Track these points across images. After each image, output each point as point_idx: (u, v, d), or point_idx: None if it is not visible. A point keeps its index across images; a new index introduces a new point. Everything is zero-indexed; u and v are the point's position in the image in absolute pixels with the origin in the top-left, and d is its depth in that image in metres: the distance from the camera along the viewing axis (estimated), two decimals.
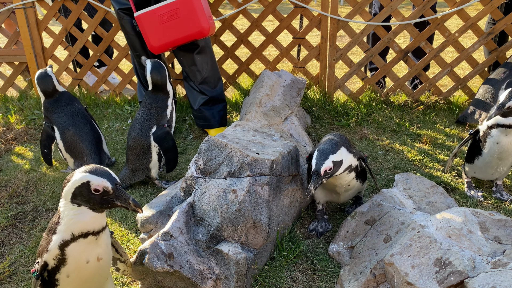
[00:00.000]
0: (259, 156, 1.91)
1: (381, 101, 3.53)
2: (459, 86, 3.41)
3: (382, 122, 3.35)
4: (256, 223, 1.80)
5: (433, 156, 2.88)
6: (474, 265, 1.54)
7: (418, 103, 3.48)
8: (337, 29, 3.42)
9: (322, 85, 3.58)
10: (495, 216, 1.73)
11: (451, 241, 1.64)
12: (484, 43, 3.27)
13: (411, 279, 1.57)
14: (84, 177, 1.40)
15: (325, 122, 3.43)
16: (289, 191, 2.08)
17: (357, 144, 3.09)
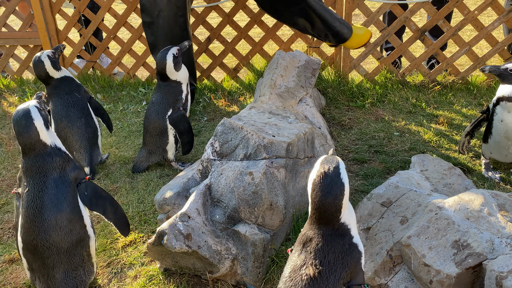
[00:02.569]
0: (275, 138, 1.90)
1: (397, 81, 3.48)
2: (478, 65, 3.34)
3: (398, 102, 3.31)
4: (273, 204, 1.81)
5: (450, 138, 2.84)
6: (492, 247, 1.54)
7: (435, 83, 3.42)
8: (353, 8, 3.35)
9: (337, 65, 3.54)
10: None
11: (470, 223, 1.64)
12: (504, 20, 3.18)
13: (429, 260, 1.58)
14: None
15: (340, 103, 3.40)
16: (304, 173, 2.09)
17: (373, 125, 3.07)
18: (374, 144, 2.84)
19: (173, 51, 2.59)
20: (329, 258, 1.25)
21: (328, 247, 1.26)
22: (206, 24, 3.67)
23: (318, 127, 2.80)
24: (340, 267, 1.26)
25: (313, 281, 1.24)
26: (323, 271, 1.24)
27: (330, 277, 1.24)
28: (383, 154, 2.74)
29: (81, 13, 3.80)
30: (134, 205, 2.40)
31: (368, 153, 2.78)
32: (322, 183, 1.23)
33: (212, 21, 5.74)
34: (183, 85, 2.66)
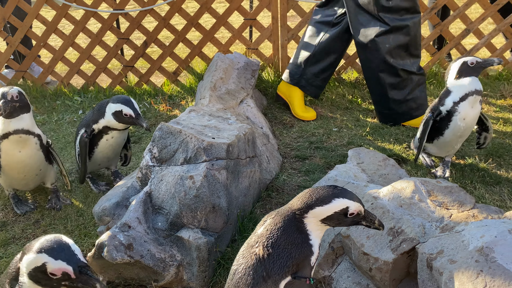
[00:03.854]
0: (215, 140, 1.90)
1: (334, 79, 3.59)
2: None
3: (336, 99, 3.42)
4: (215, 207, 1.80)
5: (384, 130, 2.98)
6: (424, 231, 1.63)
7: None
8: (288, 9, 3.42)
9: (276, 66, 3.60)
10: (442, 184, 1.83)
11: (403, 210, 1.72)
12: (428, 17, 3.39)
13: (367, 249, 1.64)
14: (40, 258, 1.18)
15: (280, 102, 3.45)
16: (247, 173, 2.10)
17: (313, 122, 3.15)
18: (315, 141, 2.92)
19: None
20: (280, 245, 1.31)
21: (283, 235, 1.32)
22: (141, 28, 3.60)
23: (260, 127, 2.83)
24: (287, 257, 1.30)
25: (260, 262, 1.29)
26: (272, 254, 1.30)
27: (277, 262, 1.29)
28: (323, 149, 2.81)
29: (6, 20, 3.59)
30: (72, 219, 2.30)
31: (309, 149, 2.84)
32: (316, 188, 1.36)
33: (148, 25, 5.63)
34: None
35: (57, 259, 1.17)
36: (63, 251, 1.18)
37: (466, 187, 2.33)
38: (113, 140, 2.38)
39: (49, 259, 1.17)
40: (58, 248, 1.18)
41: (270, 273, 1.28)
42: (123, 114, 2.23)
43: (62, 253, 1.17)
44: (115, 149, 2.46)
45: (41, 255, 1.17)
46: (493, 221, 1.45)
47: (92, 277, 1.19)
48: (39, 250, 1.18)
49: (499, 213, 1.75)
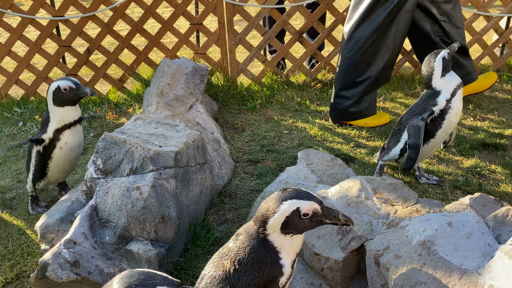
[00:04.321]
0: (162, 149, 1.86)
1: (283, 82, 3.64)
2: None
3: (285, 102, 3.46)
4: (165, 217, 1.76)
5: (332, 131, 3.05)
6: (371, 228, 1.68)
7: (316, 81, 3.65)
8: (233, 14, 3.43)
9: (225, 70, 3.59)
10: (386, 181, 1.89)
11: (351, 209, 1.77)
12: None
13: (318, 249, 1.67)
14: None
15: (231, 107, 3.45)
16: (198, 180, 2.07)
17: (264, 126, 3.17)
18: (266, 144, 2.93)
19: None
20: (248, 263, 1.28)
21: (251, 253, 1.28)
22: (84, 35, 3.47)
23: (211, 132, 2.81)
24: (254, 276, 1.27)
25: (226, 276, 1.27)
26: (238, 270, 1.27)
27: (242, 279, 1.27)
28: (274, 152, 2.84)
29: None
30: (14, 238, 2.17)
31: (261, 152, 2.86)
32: (267, 199, 1.30)
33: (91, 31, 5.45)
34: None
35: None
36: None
37: (411, 182, 2.43)
38: (68, 146, 2.18)
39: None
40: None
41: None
42: (62, 91, 2.06)
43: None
44: (71, 159, 2.25)
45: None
46: (434, 215, 1.51)
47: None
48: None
49: (441, 206, 1.84)
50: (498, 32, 3.60)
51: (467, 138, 2.84)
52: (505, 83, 3.62)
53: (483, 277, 1.19)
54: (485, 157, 2.67)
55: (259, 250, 1.28)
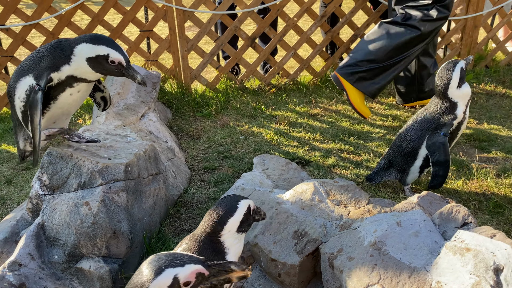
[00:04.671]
0: (111, 161, 1.80)
1: (237, 88, 3.64)
2: (304, 67, 3.69)
3: (241, 108, 3.46)
4: (117, 232, 1.71)
5: (288, 135, 3.08)
6: (326, 231, 1.70)
7: (271, 86, 3.67)
8: (184, 20, 3.39)
9: (178, 77, 3.54)
10: (339, 183, 1.93)
11: (305, 212, 1.78)
12: (319, 25, 3.58)
13: (274, 255, 1.67)
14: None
15: (186, 114, 3.41)
16: (151, 192, 2.02)
17: (220, 132, 3.15)
18: (222, 150, 2.92)
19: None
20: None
21: (202, 250, 1.35)
22: (27, 44, 3.32)
23: (165, 141, 2.76)
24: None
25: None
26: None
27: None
28: (231, 158, 2.82)
29: None
30: None
31: (218, 159, 2.84)
32: (223, 199, 1.38)
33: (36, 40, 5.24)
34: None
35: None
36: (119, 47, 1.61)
37: (363, 183, 2.49)
38: (79, 94, 1.76)
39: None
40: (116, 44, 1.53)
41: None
42: (108, 61, 1.62)
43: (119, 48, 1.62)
44: (79, 103, 1.84)
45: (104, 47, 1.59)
46: (384, 215, 1.55)
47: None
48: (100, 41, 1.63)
49: (391, 205, 1.89)
50: (441, 35, 3.78)
51: None
52: None
53: (431, 274, 1.24)
54: None
55: (207, 253, 1.33)
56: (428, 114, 2.27)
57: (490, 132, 2.99)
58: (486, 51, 3.95)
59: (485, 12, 3.71)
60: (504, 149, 2.77)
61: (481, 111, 3.32)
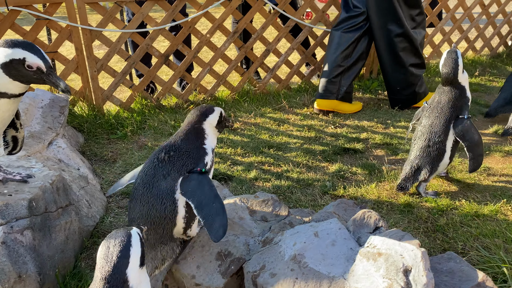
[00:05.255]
0: (12, 197, 1.64)
1: (154, 106, 3.55)
2: (221, 82, 3.71)
3: (158, 127, 3.37)
4: (22, 275, 1.55)
5: None
6: (249, 248, 1.70)
7: (189, 103, 3.63)
8: (92, 40, 3.24)
9: (89, 99, 3.37)
10: (260, 198, 1.94)
11: (228, 232, 1.77)
12: (232, 41, 3.62)
13: (198, 279, 1.63)
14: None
15: (99, 137, 3.24)
16: (61, 225, 1.88)
17: (137, 154, 3.03)
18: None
19: None
20: (181, 149, 1.67)
21: (184, 141, 1.69)
22: None
23: (77, 168, 2.59)
24: (186, 157, 1.64)
25: (162, 163, 1.65)
26: (173, 156, 1.66)
27: (177, 163, 1.63)
28: None
29: None
30: None
31: None
32: (107, 251, 1.18)
33: None
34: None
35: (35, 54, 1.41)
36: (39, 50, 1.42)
37: (285, 193, 2.54)
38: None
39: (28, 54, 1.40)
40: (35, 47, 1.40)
41: (170, 172, 1.58)
42: (25, 66, 1.42)
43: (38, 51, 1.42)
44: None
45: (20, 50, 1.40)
46: (303, 226, 1.59)
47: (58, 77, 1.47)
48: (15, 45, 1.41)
49: (311, 214, 1.94)
50: None
51: (330, 145, 3.08)
52: (357, 91, 4.04)
53: (349, 282, 1.28)
54: (347, 160, 2.93)
55: (191, 137, 1.74)
56: (443, 105, 2.35)
57: (396, 135, 3.22)
58: None
59: None
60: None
61: (387, 116, 3.57)
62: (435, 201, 2.39)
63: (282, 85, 3.90)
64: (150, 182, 1.56)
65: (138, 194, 1.59)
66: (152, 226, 1.55)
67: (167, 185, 1.56)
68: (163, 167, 1.57)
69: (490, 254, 1.91)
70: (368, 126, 3.40)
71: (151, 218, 1.55)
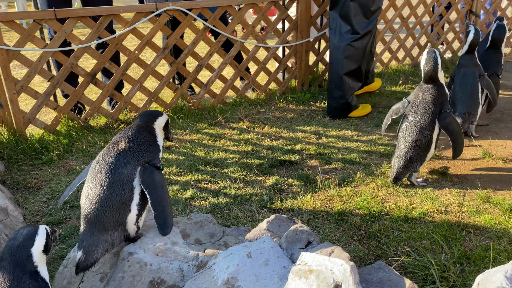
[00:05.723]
0: None
1: (82, 127, 3.37)
2: (153, 99, 3.61)
3: (87, 149, 3.20)
4: None
5: None
6: (183, 274, 1.64)
7: (119, 122, 3.50)
8: (9, 60, 3.03)
9: (8, 123, 3.13)
10: (193, 220, 1.89)
11: (160, 259, 1.69)
12: (163, 57, 3.55)
13: None
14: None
15: (22, 164, 3.02)
16: None
17: (64, 179, 2.85)
18: (69, 200, 2.64)
19: None
20: (139, 141, 1.83)
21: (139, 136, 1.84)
22: None
23: None
24: (143, 151, 1.80)
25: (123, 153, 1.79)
26: (132, 147, 1.80)
27: (136, 154, 1.79)
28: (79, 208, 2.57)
29: None
30: None
31: (64, 211, 2.56)
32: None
33: None
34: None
35: None
36: None
37: (222, 211, 2.50)
38: None
39: None
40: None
41: (130, 161, 1.70)
42: None
43: None
44: None
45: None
46: (236, 247, 1.56)
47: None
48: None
49: (247, 231, 1.92)
50: (278, 60, 4.09)
51: (267, 158, 3.10)
52: (290, 103, 4.11)
53: None
54: (283, 172, 2.95)
55: (145, 133, 1.89)
56: (428, 101, 2.57)
57: (329, 145, 3.31)
58: (318, 72, 4.40)
59: (312, 38, 4.14)
60: (341, 160, 3.08)
61: (319, 126, 3.66)
62: (367, 208, 2.47)
63: (217, 100, 3.88)
64: (112, 169, 1.68)
65: (99, 178, 1.68)
66: (110, 210, 1.66)
67: (127, 172, 1.69)
68: (124, 155, 1.70)
69: (420, 257, 2.00)
70: (302, 137, 3.46)
71: (111, 202, 1.66)
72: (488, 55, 3.40)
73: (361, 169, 2.93)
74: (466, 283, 1.86)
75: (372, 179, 2.79)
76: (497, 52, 3.40)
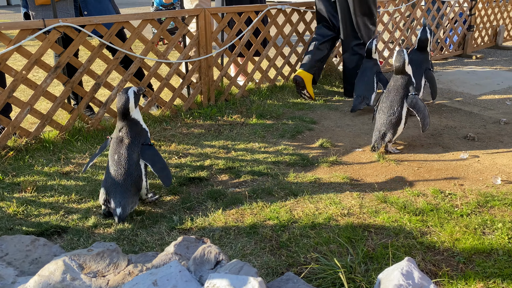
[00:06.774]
0: None
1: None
2: (46, 122, 3.33)
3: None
4: None
5: (37, 202, 2.68)
6: None
7: (8, 149, 3.16)
8: None
9: None
10: (94, 251, 1.75)
11: None
12: (55, 77, 3.30)
13: None
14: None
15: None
16: None
17: None
18: None
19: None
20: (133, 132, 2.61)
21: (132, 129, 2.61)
22: None
23: None
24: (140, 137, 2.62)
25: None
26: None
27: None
28: None
29: None
30: None
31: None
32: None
33: None
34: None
35: None
36: None
37: (129, 237, 2.36)
38: None
39: None
40: None
41: (134, 149, 2.48)
42: None
43: None
44: None
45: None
46: (142, 276, 1.47)
47: None
48: None
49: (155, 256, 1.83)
50: (181, 76, 4.03)
51: (175, 176, 3.01)
52: (197, 119, 4.08)
53: None
54: (193, 190, 2.89)
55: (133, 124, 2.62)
56: (399, 87, 3.27)
57: (237, 159, 3.32)
58: (223, 87, 4.43)
59: (215, 53, 4.16)
60: (250, 172, 3.11)
61: (227, 140, 3.67)
62: (277, 218, 2.51)
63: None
64: (127, 159, 2.48)
65: (121, 167, 2.47)
66: (134, 183, 2.50)
67: (136, 157, 2.52)
68: (129, 148, 2.50)
69: (328, 261, 2.07)
70: (211, 152, 3.44)
71: (134, 179, 2.50)
72: (417, 56, 4.19)
73: (269, 180, 2.99)
74: (371, 281, 1.96)
75: (281, 188, 2.86)
76: (424, 52, 4.21)
